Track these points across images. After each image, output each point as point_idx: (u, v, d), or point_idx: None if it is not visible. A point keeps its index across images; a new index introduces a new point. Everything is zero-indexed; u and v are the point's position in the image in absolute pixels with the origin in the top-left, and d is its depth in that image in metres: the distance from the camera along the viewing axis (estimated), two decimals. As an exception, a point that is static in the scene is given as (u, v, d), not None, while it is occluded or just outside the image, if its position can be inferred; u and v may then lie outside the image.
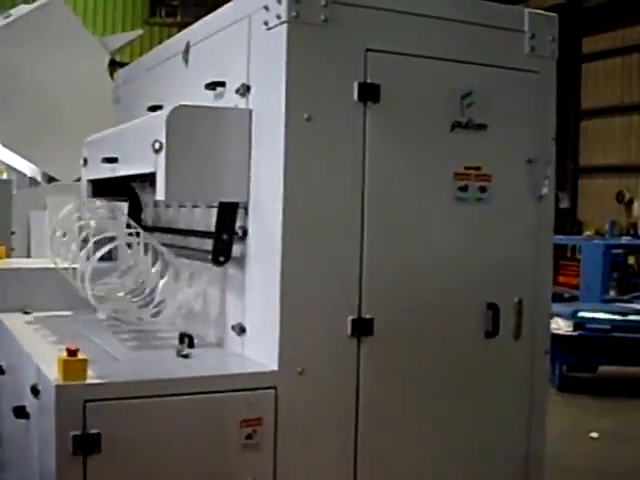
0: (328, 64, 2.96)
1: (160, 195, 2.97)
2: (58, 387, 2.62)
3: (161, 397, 2.75)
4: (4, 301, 4.18)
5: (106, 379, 2.73)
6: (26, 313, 4.13)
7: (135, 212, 4.18)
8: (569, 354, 8.89)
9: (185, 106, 3.01)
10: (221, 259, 3.11)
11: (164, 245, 3.80)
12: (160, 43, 4.71)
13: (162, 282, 3.57)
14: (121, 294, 3.71)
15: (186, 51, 3.74)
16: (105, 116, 5.07)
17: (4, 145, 8.56)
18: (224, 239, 3.09)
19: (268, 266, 2.96)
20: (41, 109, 9.12)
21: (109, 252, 4.69)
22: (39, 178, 9.91)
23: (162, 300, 3.51)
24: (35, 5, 9.35)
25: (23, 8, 9.41)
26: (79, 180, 9.09)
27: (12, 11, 9.49)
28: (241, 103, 3.14)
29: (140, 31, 10.41)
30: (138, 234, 4.08)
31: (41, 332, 3.66)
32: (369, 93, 3.00)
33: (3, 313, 4.10)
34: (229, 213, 3.09)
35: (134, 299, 3.63)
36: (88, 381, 2.66)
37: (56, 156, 9.08)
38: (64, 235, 4.28)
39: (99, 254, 3.51)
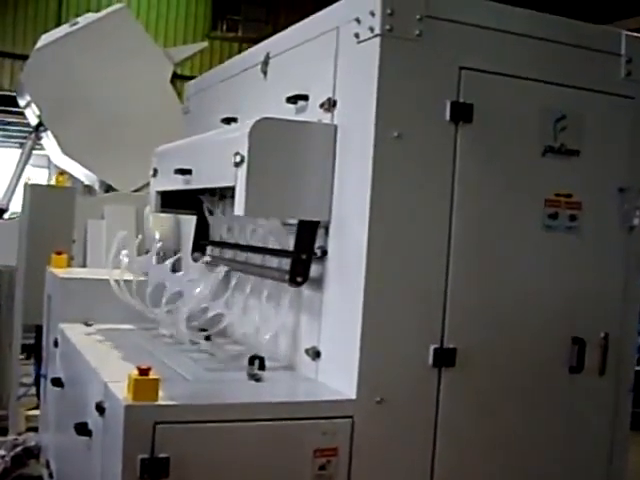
0: (420, 80, 2.83)
1: (239, 210, 2.85)
2: (128, 407, 2.50)
3: (233, 422, 2.62)
4: (66, 311, 4.10)
5: (177, 401, 2.61)
6: (87, 325, 4.03)
7: (203, 226, 4.07)
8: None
9: (268, 119, 2.89)
10: (299, 279, 2.98)
11: (233, 262, 3.69)
12: (221, 57, 4.63)
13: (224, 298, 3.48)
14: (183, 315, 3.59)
15: (265, 63, 3.63)
16: (167, 127, 4.99)
17: (65, 153, 8.53)
18: (302, 259, 2.96)
19: (349, 289, 2.82)
20: (103, 118, 9.10)
21: (173, 266, 4.62)
22: (96, 187, 9.89)
23: (221, 319, 3.41)
24: (101, 13, 9.34)
25: (90, 16, 9.40)
26: (138, 190, 9.11)
27: (79, 19, 9.48)
28: (325, 118, 3.02)
29: (205, 44, 10.35)
30: (204, 250, 4.00)
31: (105, 346, 3.55)
32: (462, 113, 2.86)
33: (64, 323, 4.01)
34: (309, 232, 2.97)
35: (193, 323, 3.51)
36: (159, 402, 2.54)
37: (116, 165, 9.05)
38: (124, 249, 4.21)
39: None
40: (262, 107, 3.41)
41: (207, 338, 3.72)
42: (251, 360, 3.20)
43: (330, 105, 3.00)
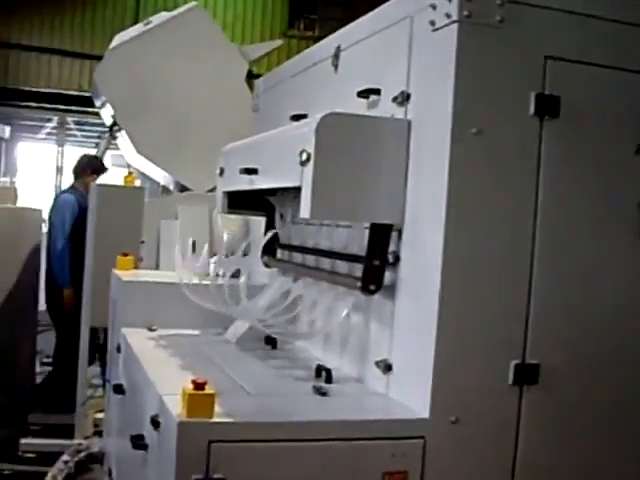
0: (502, 71, 2.58)
1: (305, 212, 2.64)
2: (181, 424, 2.31)
3: (295, 442, 2.41)
4: (129, 315, 3.95)
5: (235, 417, 2.41)
6: (151, 330, 3.88)
7: (272, 228, 3.89)
8: None
9: (337, 114, 2.67)
10: (372, 287, 2.76)
11: (302, 266, 3.50)
12: (298, 56, 4.42)
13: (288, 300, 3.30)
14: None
15: (336, 56, 3.42)
16: (243, 127, 4.82)
17: (140, 153, 8.45)
18: (375, 265, 2.74)
19: (423, 298, 2.60)
20: (178, 117, 9.02)
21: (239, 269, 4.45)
22: (172, 187, 9.82)
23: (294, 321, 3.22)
24: (175, 12, 9.24)
25: (163, 15, 9.31)
26: (212, 190, 8.99)
27: (152, 18, 9.40)
28: (399, 113, 2.80)
29: (280, 41, 10.20)
30: (275, 253, 3.83)
31: (166, 354, 3.38)
32: (547, 106, 2.61)
33: (127, 328, 3.86)
34: (382, 236, 2.75)
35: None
36: (215, 419, 2.34)
37: (190, 165, 8.96)
38: (194, 249, 4.09)
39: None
40: (333, 102, 3.19)
41: (273, 346, 3.55)
42: (318, 371, 3.00)
43: (403, 99, 2.78)
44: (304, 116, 3.53)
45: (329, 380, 2.93)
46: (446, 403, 2.55)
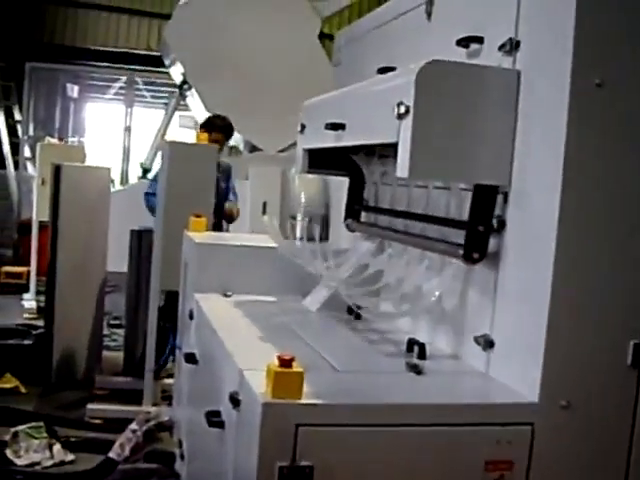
0: (630, 11, 2.27)
1: (402, 172, 2.37)
2: (266, 405, 2.07)
3: (391, 427, 2.17)
4: (203, 280, 3.74)
5: (324, 399, 2.16)
6: (226, 296, 3.66)
7: (357, 190, 3.63)
8: None
9: (439, 62, 2.39)
10: (475, 256, 2.50)
11: (394, 232, 3.25)
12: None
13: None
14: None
15: (430, 2, 3.14)
16: (315, 85, 4.56)
17: (209, 111, 8.25)
18: (479, 231, 2.48)
19: (533, 269, 2.33)
20: (248, 75, 8.85)
21: (320, 232, 4.23)
22: (241, 147, 9.64)
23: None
24: (248, -34, 8.98)
25: (236, -32, 9.06)
26: (283, 151, 8.80)
27: (226, -28, 9.16)
28: (505, 63, 2.52)
29: (352, -3, 9.90)
30: (359, 216, 3.59)
31: (243, 323, 3.16)
32: (679, 54, 2.30)
33: (200, 294, 3.65)
34: (487, 199, 2.48)
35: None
36: (303, 401, 2.11)
37: (261, 125, 8.78)
38: (264, 210, 3.87)
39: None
40: (425, 53, 2.88)
41: (357, 316, 3.31)
42: (409, 346, 2.76)
43: (512, 47, 2.50)
44: (392, 69, 3.26)
45: (422, 356, 2.68)
46: (558, 385, 2.29)
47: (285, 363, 2.09)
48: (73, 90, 18.32)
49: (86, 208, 6.62)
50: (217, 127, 6.61)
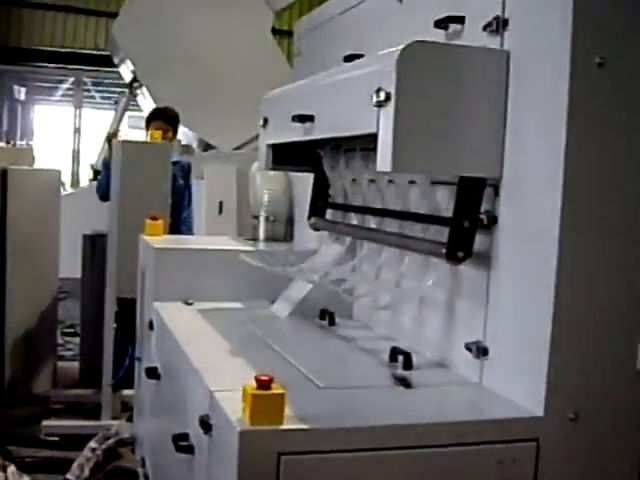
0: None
1: (384, 165, 2.13)
2: (244, 433, 1.82)
3: (382, 450, 1.94)
4: (162, 287, 3.49)
5: (309, 423, 1.90)
6: (187, 304, 3.41)
7: (322, 186, 3.39)
8: None
9: (422, 43, 2.16)
10: (460, 254, 2.27)
11: (363, 230, 3.03)
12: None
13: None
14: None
15: (401, -18, 2.92)
16: (269, 80, 4.33)
17: (161, 108, 7.96)
18: (465, 227, 2.25)
19: (531, 268, 2.10)
20: (200, 71, 8.59)
21: (284, 232, 4.02)
22: (194, 145, 9.39)
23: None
24: (197, -42, 8.73)
25: (184, -37, 8.81)
26: (239, 148, 8.54)
27: (173, -34, 8.90)
28: (492, 43, 2.29)
29: (307, -11, 9.67)
30: (324, 213, 3.37)
31: (209, 334, 2.91)
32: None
33: (160, 302, 3.40)
34: (474, 192, 2.25)
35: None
36: (285, 426, 1.87)
37: (214, 122, 8.53)
38: (220, 210, 3.65)
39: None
40: (398, 38, 2.67)
41: (331, 322, 3.09)
42: (393, 354, 2.53)
43: (499, 26, 2.27)
44: (360, 56, 3.02)
45: (408, 366, 2.45)
46: (563, 396, 2.07)
47: (263, 384, 1.84)
48: (20, 92, 17.96)
49: (35, 212, 6.32)
50: (168, 117, 6.34)
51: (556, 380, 2.05)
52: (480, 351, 2.31)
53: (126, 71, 9.50)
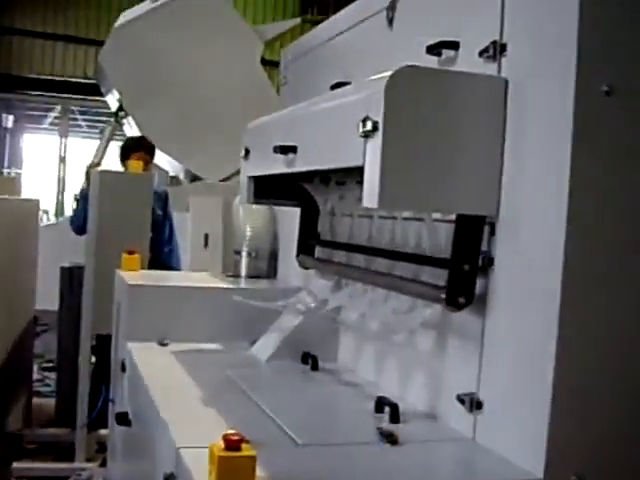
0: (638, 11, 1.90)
1: (371, 201, 1.95)
2: (210, 501, 1.63)
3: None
4: (136, 326, 3.29)
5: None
6: (162, 345, 3.21)
7: (310, 222, 3.21)
8: None
9: (413, 67, 1.99)
10: (461, 300, 2.08)
11: (352, 268, 2.84)
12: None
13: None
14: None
15: (392, 7, 2.75)
16: (258, 111, 4.16)
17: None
18: (465, 270, 2.07)
19: (532, 314, 1.92)
20: (187, 101, 8.42)
21: (267, 268, 3.84)
22: (182, 176, 9.22)
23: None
24: (185, -11, 8.59)
25: (172, -8, 8.67)
26: (225, 180, 8.36)
27: (161, -5, 8.77)
28: (488, 70, 2.12)
29: (298, 20, 9.50)
30: (313, 251, 3.19)
31: (182, 379, 2.70)
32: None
33: (134, 342, 3.20)
34: (473, 232, 2.07)
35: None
36: (257, 491, 1.67)
37: (201, 152, 8.36)
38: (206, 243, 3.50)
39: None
40: (388, 65, 2.50)
41: (313, 366, 2.90)
42: (379, 405, 2.33)
43: (496, 51, 2.10)
44: (348, 84, 2.85)
45: (395, 419, 2.25)
46: (566, 456, 1.87)
47: (232, 445, 1.64)
48: (7, 120, 17.82)
49: (12, 243, 6.11)
50: (147, 148, 6.17)
51: (558, 438, 1.86)
52: (474, 404, 2.12)
53: (112, 100, 9.34)
